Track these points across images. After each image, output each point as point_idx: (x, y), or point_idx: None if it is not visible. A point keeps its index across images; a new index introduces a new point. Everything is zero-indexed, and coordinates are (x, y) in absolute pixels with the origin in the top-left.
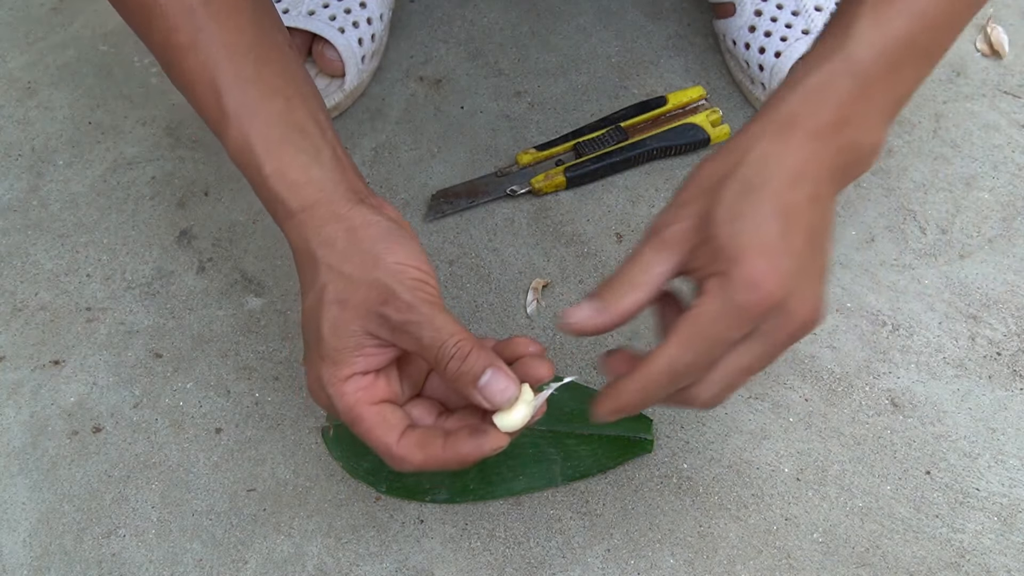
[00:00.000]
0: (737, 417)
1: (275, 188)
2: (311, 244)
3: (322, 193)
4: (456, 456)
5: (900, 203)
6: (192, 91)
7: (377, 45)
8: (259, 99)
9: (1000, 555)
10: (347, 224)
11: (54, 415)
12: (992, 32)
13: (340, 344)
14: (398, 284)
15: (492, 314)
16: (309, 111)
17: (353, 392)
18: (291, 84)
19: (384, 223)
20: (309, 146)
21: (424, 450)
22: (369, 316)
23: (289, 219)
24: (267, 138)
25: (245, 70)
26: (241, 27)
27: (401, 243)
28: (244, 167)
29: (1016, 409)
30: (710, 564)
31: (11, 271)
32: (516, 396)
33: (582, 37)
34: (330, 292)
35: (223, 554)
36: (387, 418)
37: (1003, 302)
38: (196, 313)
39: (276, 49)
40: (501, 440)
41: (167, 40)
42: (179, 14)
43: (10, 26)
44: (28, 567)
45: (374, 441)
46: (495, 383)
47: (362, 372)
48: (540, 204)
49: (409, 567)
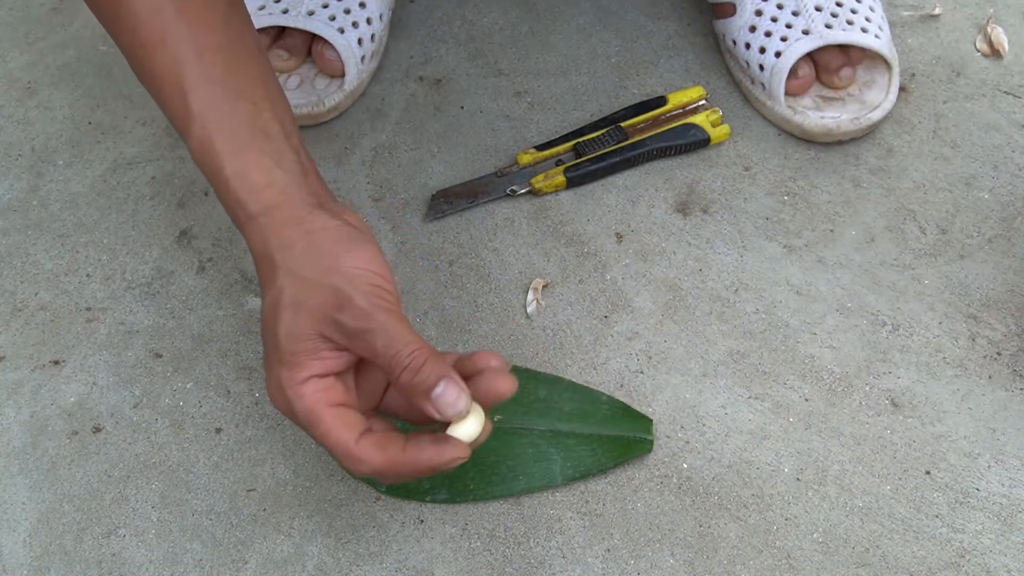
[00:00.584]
0: (737, 417)
1: (236, 190)
2: (270, 247)
3: (283, 196)
4: (415, 461)
5: (900, 203)
6: (159, 89)
7: (377, 45)
8: (225, 100)
9: (1000, 555)
10: (306, 228)
11: (54, 415)
12: (992, 32)
13: (296, 348)
14: (354, 290)
15: (492, 314)
16: (275, 114)
17: (312, 393)
18: (259, 87)
19: (343, 228)
20: (272, 149)
21: (384, 452)
22: (325, 321)
23: (249, 222)
24: (231, 140)
25: (213, 71)
26: (211, 26)
27: (360, 247)
28: (205, 168)
29: (1016, 409)
30: (710, 564)
31: (11, 271)
32: (467, 409)
33: (582, 37)
34: (286, 296)
35: (223, 554)
36: (346, 419)
37: (1003, 302)
38: (196, 313)
39: (246, 50)
40: (463, 451)
41: (134, 37)
42: (147, 11)
43: (10, 26)
44: (28, 567)
45: (333, 442)
46: (447, 395)
47: (319, 375)
48: (540, 204)
49: (409, 567)
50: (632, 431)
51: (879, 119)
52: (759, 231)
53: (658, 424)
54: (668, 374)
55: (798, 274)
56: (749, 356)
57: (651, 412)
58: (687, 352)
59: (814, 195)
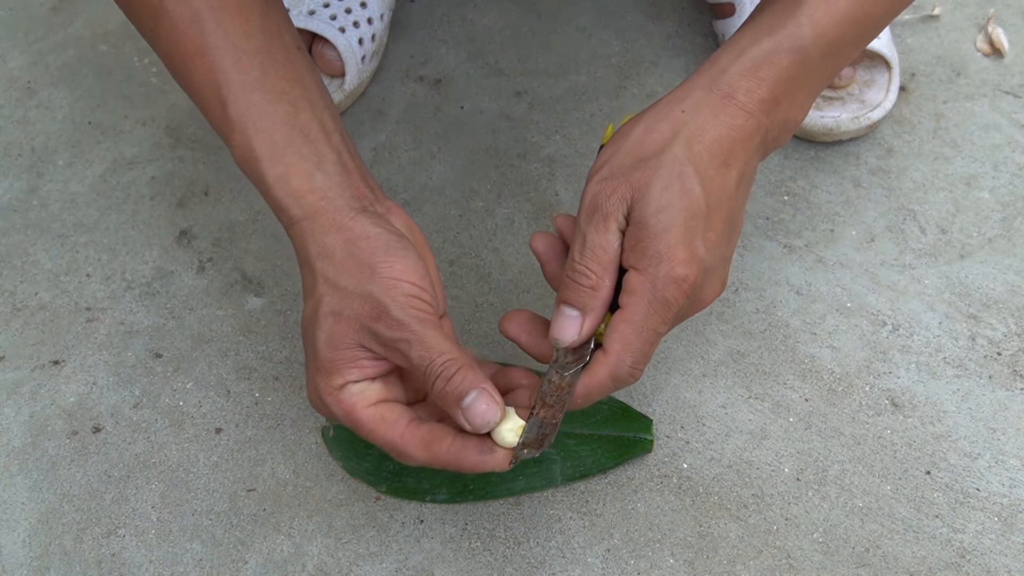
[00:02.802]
0: (737, 417)
1: (278, 196)
2: (311, 254)
3: (324, 201)
4: (458, 462)
5: (900, 203)
6: (199, 98)
7: (377, 45)
8: (263, 104)
9: (1000, 555)
10: (347, 235)
11: (54, 415)
12: (992, 32)
13: (335, 356)
14: (391, 300)
15: (492, 314)
16: (314, 115)
17: (348, 399)
18: (297, 87)
19: (384, 235)
20: (312, 152)
21: (428, 450)
22: (362, 330)
23: (292, 226)
24: (270, 144)
25: (250, 76)
26: (248, 32)
27: (398, 257)
28: (249, 174)
29: (1016, 409)
30: (710, 564)
31: (11, 271)
32: (497, 420)
33: (582, 37)
34: (325, 304)
35: (223, 554)
36: (385, 416)
37: (1003, 302)
38: (196, 313)
39: (284, 52)
40: (504, 463)
41: (174, 48)
42: (186, 22)
43: (10, 26)
44: (28, 567)
45: (378, 441)
46: (477, 405)
47: (356, 381)
48: (540, 204)
49: (409, 567)
50: (632, 431)
51: (879, 119)
52: (759, 231)
53: (658, 424)
54: (668, 374)
55: (798, 274)
56: (749, 356)
57: (651, 412)
58: (687, 352)
59: (814, 195)
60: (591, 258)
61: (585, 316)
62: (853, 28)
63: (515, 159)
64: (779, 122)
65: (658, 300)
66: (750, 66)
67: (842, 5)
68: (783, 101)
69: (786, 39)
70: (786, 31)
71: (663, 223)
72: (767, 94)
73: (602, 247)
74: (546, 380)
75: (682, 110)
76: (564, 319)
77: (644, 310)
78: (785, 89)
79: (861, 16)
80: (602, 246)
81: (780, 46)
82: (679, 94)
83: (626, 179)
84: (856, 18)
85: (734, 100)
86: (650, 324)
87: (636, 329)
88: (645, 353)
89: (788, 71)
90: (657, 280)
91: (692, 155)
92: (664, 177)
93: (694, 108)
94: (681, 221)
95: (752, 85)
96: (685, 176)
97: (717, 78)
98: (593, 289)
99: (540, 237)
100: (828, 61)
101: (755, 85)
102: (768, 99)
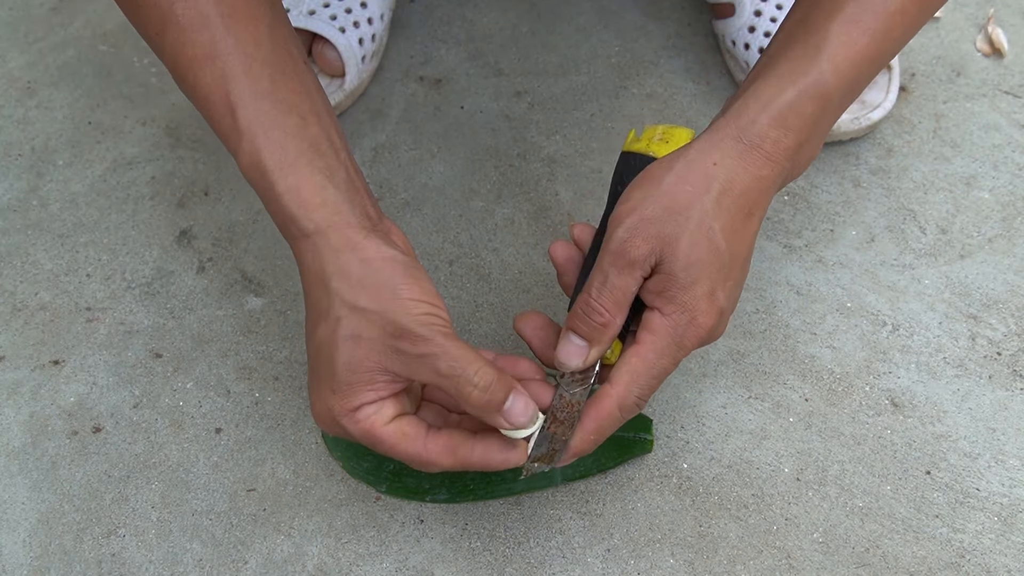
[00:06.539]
0: (737, 417)
1: (288, 208)
2: (325, 272)
3: (337, 216)
4: (485, 462)
5: (900, 203)
6: (206, 105)
7: (377, 45)
8: (274, 114)
9: (1000, 555)
10: (361, 255)
11: (54, 415)
12: (992, 32)
13: (354, 379)
14: (410, 320)
15: (492, 314)
16: (323, 129)
17: (366, 418)
18: (306, 100)
19: (400, 258)
20: (323, 166)
21: (454, 455)
22: (385, 351)
23: (302, 240)
24: (281, 154)
25: (261, 84)
26: (258, 40)
27: (416, 280)
28: (255, 184)
29: (1016, 409)
30: (710, 564)
31: (11, 271)
32: (535, 413)
33: (582, 37)
34: (344, 327)
35: (223, 554)
36: (405, 431)
37: (1003, 302)
38: (196, 313)
39: (292, 63)
40: (523, 455)
41: (181, 53)
42: (194, 27)
43: (10, 26)
44: (28, 567)
45: (401, 455)
46: (516, 406)
47: (371, 402)
48: (540, 204)
49: (409, 567)
50: (632, 431)
51: (879, 119)
52: (759, 231)
53: (658, 424)
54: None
55: (798, 274)
56: (749, 356)
57: (651, 412)
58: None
59: (814, 195)
60: (609, 297)
61: (592, 347)
62: (871, 66)
63: (515, 159)
64: (800, 164)
65: (676, 344)
66: (777, 116)
67: (861, 46)
68: (806, 145)
69: (811, 86)
70: (810, 79)
71: (691, 277)
72: (793, 142)
73: (622, 290)
74: (557, 396)
75: (713, 162)
76: (571, 346)
77: (660, 350)
78: (809, 135)
79: (878, 54)
80: (622, 289)
81: (805, 94)
82: (707, 143)
83: (657, 233)
84: (874, 57)
85: (762, 151)
86: (663, 363)
87: (647, 365)
88: (652, 388)
89: (812, 117)
90: (679, 327)
91: (720, 210)
92: (693, 232)
93: (723, 160)
94: (707, 275)
95: (779, 135)
96: (713, 232)
97: (746, 129)
98: (604, 326)
99: (560, 246)
100: (847, 99)
101: (782, 135)
102: (793, 147)
